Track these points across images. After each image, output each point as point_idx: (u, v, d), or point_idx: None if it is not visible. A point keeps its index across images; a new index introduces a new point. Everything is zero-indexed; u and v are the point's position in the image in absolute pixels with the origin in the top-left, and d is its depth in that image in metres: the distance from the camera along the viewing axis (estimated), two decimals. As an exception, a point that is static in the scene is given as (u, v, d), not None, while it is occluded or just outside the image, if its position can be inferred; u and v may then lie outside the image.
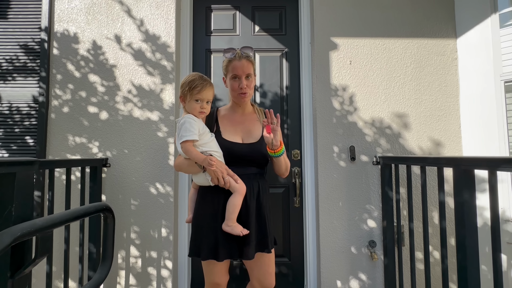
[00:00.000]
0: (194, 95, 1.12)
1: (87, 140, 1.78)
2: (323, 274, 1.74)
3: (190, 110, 1.15)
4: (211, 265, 1.18)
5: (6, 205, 0.68)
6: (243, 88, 1.21)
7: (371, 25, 1.86)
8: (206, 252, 1.12)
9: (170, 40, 1.83)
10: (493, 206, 0.91)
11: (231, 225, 1.10)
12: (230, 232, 1.09)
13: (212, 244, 1.13)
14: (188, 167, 1.16)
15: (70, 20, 1.84)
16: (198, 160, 1.09)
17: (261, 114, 1.33)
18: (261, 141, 1.24)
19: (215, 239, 1.13)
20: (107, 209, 0.90)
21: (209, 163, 1.06)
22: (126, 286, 1.72)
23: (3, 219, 0.67)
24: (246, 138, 1.25)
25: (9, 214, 0.68)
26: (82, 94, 1.81)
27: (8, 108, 1.79)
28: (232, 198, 1.11)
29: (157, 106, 1.80)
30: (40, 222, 0.62)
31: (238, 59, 1.21)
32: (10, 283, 0.69)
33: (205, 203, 1.18)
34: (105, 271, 0.88)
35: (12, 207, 0.69)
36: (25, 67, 1.81)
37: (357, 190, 1.77)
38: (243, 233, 1.09)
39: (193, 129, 1.09)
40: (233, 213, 1.10)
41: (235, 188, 1.11)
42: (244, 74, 1.21)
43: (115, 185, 1.75)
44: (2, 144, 1.77)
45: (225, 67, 1.26)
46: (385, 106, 1.82)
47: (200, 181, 1.19)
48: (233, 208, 1.10)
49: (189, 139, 1.08)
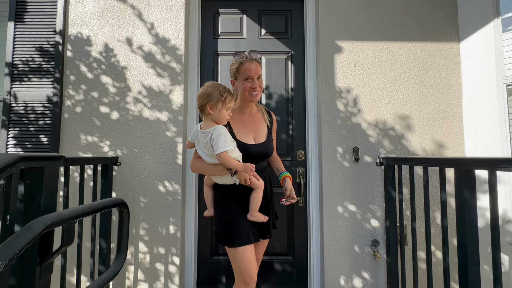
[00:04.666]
0: (227, 104, 1.21)
1: (98, 139, 1.85)
2: (327, 272, 1.78)
3: (220, 118, 1.23)
4: (247, 252, 1.25)
5: (35, 197, 0.74)
6: (256, 88, 1.29)
7: (375, 29, 1.91)
8: (238, 239, 1.23)
9: (179, 43, 1.89)
10: (492, 205, 0.94)
11: (256, 215, 1.27)
12: (255, 221, 1.27)
13: (243, 231, 1.25)
14: (215, 171, 1.27)
15: (83, 23, 1.91)
16: (238, 168, 1.19)
17: (265, 113, 1.45)
18: (268, 139, 1.39)
19: (243, 227, 1.26)
20: (123, 203, 0.95)
21: (250, 169, 1.19)
22: (134, 281, 1.77)
23: (33, 209, 0.73)
24: (257, 137, 1.36)
25: (38, 205, 0.73)
26: (94, 94, 1.87)
27: (24, 107, 1.86)
28: (255, 194, 1.27)
29: (166, 106, 1.85)
30: (66, 212, 0.67)
31: (249, 61, 1.30)
32: (38, 269, 0.75)
33: (226, 198, 1.32)
34: (121, 262, 0.93)
35: (40, 199, 0.74)
36: (40, 69, 1.88)
37: (361, 190, 1.81)
38: (266, 219, 1.28)
39: (229, 140, 1.19)
40: (257, 206, 1.27)
41: (257, 185, 1.26)
42: (256, 75, 1.30)
43: (125, 183, 1.81)
44: (17, 142, 1.84)
45: (235, 69, 1.32)
46: (389, 108, 1.86)
47: (224, 181, 1.30)
48: (257, 201, 1.26)
49: (229, 149, 1.17)
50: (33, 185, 0.75)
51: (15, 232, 0.66)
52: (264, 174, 1.37)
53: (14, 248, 0.52)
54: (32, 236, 0.56)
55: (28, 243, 0.55)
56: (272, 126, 1.45)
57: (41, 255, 0.76)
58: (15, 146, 1.85)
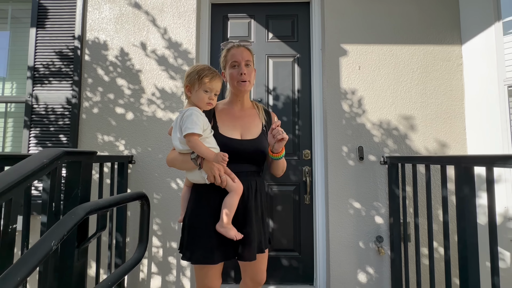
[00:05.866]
0: (203, 85, 1.05)
1: (114, 139, 1.94)
2: (332, 267, 1.84)
3: (197, 100, 1.07)
4: (204, 269, 1.09)
5: (74, 188, 0.83)
6: (243, 75, 1.14)
7: (379, 32, 1.97)
8: (199, 255, 1.05)
9: (191, 47, 1.98)
10: (490, 199, 1.00)
11: (226, 227, 1.01)
12: (223, 234, 1.02)
13: (206, 247, 1.04)
14: (183, 163, 1.08)
15: (100, 29, 2.02)
16: (208, 156, 1.00)
17: (261, 110, 1.28)
18: (261, 137, 1.19)
19: (210, 241, 1.04)
20: (144, 197, 1.04)
21: (222, 159, 0.97)
22: (148, 274, 1.86)
23: (72, 199, 0.82)
24: (245, 134, 1.18)
25: (76, 195, 0.82)
26: (111, 96, 1.97)
27: (45, 109, 1.97)
28: (228, 198, 1.03)
29: (179, 107, 1.95)
30: (101, 202, 0.76)
31: (236, 46, 1.19)
32: (77, 251, 0.83)
33: (200, 202, 1.10)
34: (142, 250, 1.01)
35: (78, 190, 0.83)
36: (60, 72, 1.99)
37: (365, 188, 1.87)
38: (237, 237, 1.02)
39: (199, 122, 1.01)
40: (229, 214, 1.02)
41: (232, 187, 1.04)
42: (244, 60, 1.16)
43: (139, 180, 1.91)
44: (38, 142, 1.95)
45: (223, 57, 1.23)
46: (392, 108, 1.92)
47: (194, 179, 1.10)
48: (229, 208, 1.02)
49: (196, 132, 0.98)
50: (72, 177, 0.84)
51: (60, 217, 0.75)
52: (250, 181, 1.13)
53: (64, 230, 0.60)
54: (76, 220, 0.64)
55: (74, 226, 0.63)
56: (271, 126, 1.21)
57: (78, 240, 0.85)
58: (36, 145, 1.96)
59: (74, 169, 0.86)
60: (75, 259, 0.81)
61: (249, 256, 1.06)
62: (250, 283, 1.24)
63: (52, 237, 0.58)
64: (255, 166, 1.19)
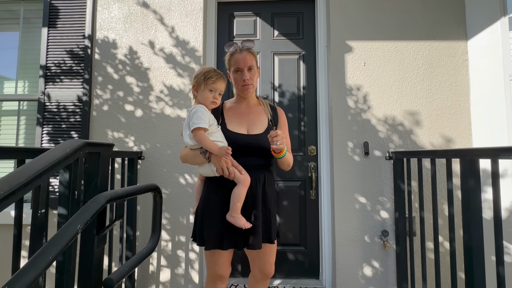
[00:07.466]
0: (208, 85, 1.15)
1: (124, 135, 1.99)
2: (338, 261, 1.87)
3: (203, 99, 1.17)
4: (215, 255, 1.17)
5: (93, 177, 0.87)
6: (245, 80, 1.21)
7: (384, 28, 1.99)
8: (210, 242, 1.12)
9: (198, 45, 2.01)
10: (495, 192, 1.02)
11: (235, 216, 1.08)
12: (233, 223, 1.08)
13: (217, 234, 1.12)
14: (194, 158, 1.16)
15: (110, 28, 2.06)
16: (212, 150, 1.07)
17: (266, 106, 1.33)
18: (266, 132, 1.21)
19: (220, 229, 1.12)
20: (157, 189, 1.08)
21: (226, 152, 1.05)
22: (158, 266, 1.91)
23: (92, 188, 0.86)
24: (251, 129, 1.24)
25: (95, 184, 0.86)
26: (120, 94, 2.02)
27: (56, 106, 2.03)
28: (236, 189, 1.10)
29: (186, 104, 1.98)
30: (120, 191, 0.80)
31: (239, 52, 1.23)
32: (96, 238, 0.88)
33: (211, 194, 1.17)
34: (156, 240, 1.05)
35: (97, 179, 0.87)
36: (71, 70, 2.05)
37: (371, 183, 1.89)
38: (246, 226, 1.07)
39: (205, 117, 1.09)
40: (237, 204, 1.09)
41: (240, 179, 1.11)
42: (246, 66, 1.21)
43: (148, 175, 1.95)
44: (51, 138, 2.01)
45: (227, 61, 1.28)
46: (398, 104, 1.94)
47: (205, 172, 1.18)
48: (237, 198, 1.09)
49: (202, 126, 1.07)
50: (92, 167, 0.88)
51: (81, 205, 0.79)
52: (258, 173, 1.18)
53: (88, 215, 0.64)
54: (98, 207, 0.68)
55: (96, 212, 0.67)
56: (278, 122, 1.31)
57: (97, 227, 0.89)
58: (48, 142, 2.01)
59: (94, 160, 0.91)
60: (95, 246, 0.86)
61: (255, 245, 1.12)
62: (259, 274, 1.27)
63: (78, 221, 0.62)
64: (262, 160, 1.24)
